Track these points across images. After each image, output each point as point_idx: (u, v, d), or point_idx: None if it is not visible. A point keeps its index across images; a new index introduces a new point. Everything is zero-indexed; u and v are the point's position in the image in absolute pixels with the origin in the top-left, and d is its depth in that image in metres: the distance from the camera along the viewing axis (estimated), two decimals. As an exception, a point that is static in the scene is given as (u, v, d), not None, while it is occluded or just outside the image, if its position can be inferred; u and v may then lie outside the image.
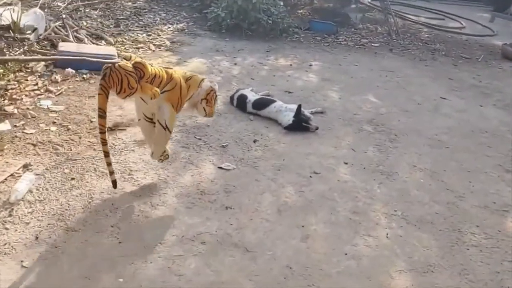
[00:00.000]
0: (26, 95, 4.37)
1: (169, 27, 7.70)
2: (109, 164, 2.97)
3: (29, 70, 4.88)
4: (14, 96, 4.27)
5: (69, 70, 4.94)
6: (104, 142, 2.92)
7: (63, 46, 5.21)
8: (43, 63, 5.03)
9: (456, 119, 5.12)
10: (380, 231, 3.01)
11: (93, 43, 6.05)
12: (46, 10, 7.08)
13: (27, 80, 4.68)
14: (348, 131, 4.48)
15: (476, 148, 4.43)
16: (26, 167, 3.26)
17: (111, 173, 3.00)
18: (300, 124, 4.33)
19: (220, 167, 3.56)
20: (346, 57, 7.27)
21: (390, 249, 2.85)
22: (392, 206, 3.31)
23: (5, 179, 3.08)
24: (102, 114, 2.88)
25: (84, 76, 4.93)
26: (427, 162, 4.02)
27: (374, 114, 4.95)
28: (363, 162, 3.89)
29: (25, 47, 5.14)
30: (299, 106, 4.34)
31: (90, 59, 5.05)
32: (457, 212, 3.32)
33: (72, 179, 3.19)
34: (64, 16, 7.00)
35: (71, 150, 3.56)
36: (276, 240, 2.81)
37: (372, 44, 8.35)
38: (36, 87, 4.55)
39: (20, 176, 3.10)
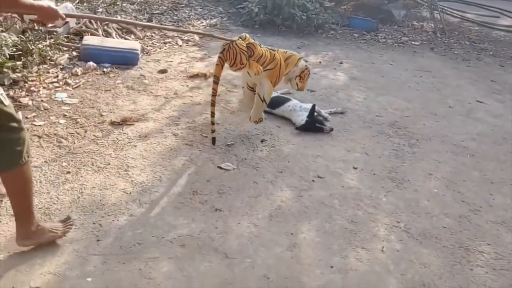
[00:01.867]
0: (44, 87, 4.45)
1: (202, 22, 7.68)
2: (213, 123, 3.65)
3: (52, 62, 4.98)
4: (32, 88, 4.35)
5: (91, 63, 5.00)
6: (213, 103, 3.60)
7: (87, 40, 5.28)
8: (66, 56, 5.13)
9: (489, 124, 4.74)
10: (376, 243, 2.80)
11: (122, 37, 6.10)
12: (85, 4, 7.26)
13: (48, 72, 4.77)
14: (366, 134, 4.23)
15: (506, 157, 4.07)
16: (26, 159, 3.29)
17: (213, 131, 3.68)
18: (313, 125, 4.14)
19: (220, 167, 3.45)
20: (382, 55, 6.95)
21: (382, 264, 2.63)
22: (396, 217, 3.07)
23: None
24: (216, 80, 3.54)
25: (105, 69, 4.97)
26: (446, 171, 3.72)
27: (398, 117, 4.66)
28: (375, 168, 3.66)
29: (52, 40, 5.24)
30: (313, 106, 4.15)
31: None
32: (468, 227, 3.03)
33: (68, 172, 3.18)
34: (100, 10, 7.15)
35: (74, 143, 3.56)
36: (260, 247, 2.67)
37: (413, 43, 7.96)
38: (55, 80, 4.63)
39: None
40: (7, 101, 2.14)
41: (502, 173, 3.78)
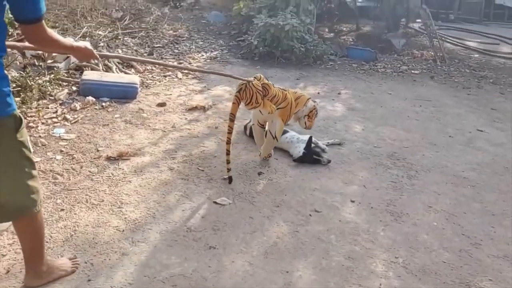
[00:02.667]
0: (43, 123, 4.48)
1: (203, 55, 7.78)
2: (228, 162, 3.63)
3: (52, 97, 5.02)
4: (31, 124, 4.37)
5: (90, 98, 5.03)
6: (228, 141, 3.62)
7: (86, 75, 5.33)
8: (66, 91, 5.17)
9: (490, 153, 4.69)
10: (373, 280, 2.72)
11: (122, 71, 6.17)
12: (87, 39, 7.37)
13: (48, 107, 4.80)
14: (364, 166, 4.20)
15: (507, 188, 4.00)
16: (20, 196, 3.26)
17: (229, 169, 3.65)
18: (311, 157, 4.12)
19: (215, 202, 3.41)
20: (381, 85, 6.97)
21: (380, 302, 2.56)
22: (394, 252, 3.00)
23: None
24: (232, 118, 3.63)
25: (104, 104, 5.01)
26: (446, 203, 3.66)
27: (396, 148, 4.63)
28: (372, 201, 3.60)
29: (52, 75, 5.29)
30: (310, 138, 4.14)
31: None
32: (469, 262, 2.95)
33: (62, 210, 3.16)
34: (102, 44, 7.25)
35: (69, 179, 3.55)
36: (254, 287, 2.60)
37: (412, 71, 8.00)
38: (54, 115, 4.66)
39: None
40: (31, 148, 2.20)
41: (503, 204, 3.71)
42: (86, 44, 2.41)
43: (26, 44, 2.31)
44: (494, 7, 15.57)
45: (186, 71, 6.59)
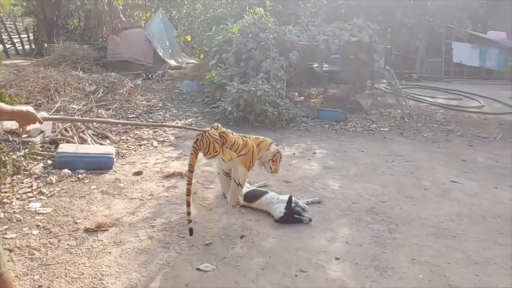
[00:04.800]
0: (17, 198, 4.38)
1: (177, 123, 7.87)
2: (189, 213, 3.66)
3: (27, 172, 4.95)
4: (4, 200, 4.27)
5: (66, 171, 4.98)
6: (188, 193, 3.67)
7: (62, 148, 5.31)
8: (41, 165, 5.12)
9: (466, 204, 4.79)
10: None
11: (97, 143, 6.17)
12: (61, 113, 7.42)
13: (22, 182, 4.72)
14: (344, 222, 4.22)
15: (487, 236, 4.06)
16: (-6, 275, 3.13)
17: (189, 221, 3.67)
18: (292, 216, 4.12)
19: (198, 269, 3.33)
20: (353, 143, 7.16)
21: None
22: (383, 308, 2.96)
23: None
24: (191, 169, 3.67)
25: (80, 176, 4.96)
26: (429, 255, 3.67)
27: (374, 203, 4.69)
28: (357, 257, 3.59)
29: (26, 150, 5.24)
30: (290, 198, 4.16)
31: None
32: (458, 313, 2.94)
33: (40, 287, 3.03)
34: (76, 117, 7.28)
35: (47, 254, 3.43)
36: None
37: (382, 129, 8.26)
38: (29, 190, 4.57)
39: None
40: None
41: (485, 252, 3.75)
42: (28, 107, 2.30)
43: None
44: (453, 65, 16.51)
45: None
